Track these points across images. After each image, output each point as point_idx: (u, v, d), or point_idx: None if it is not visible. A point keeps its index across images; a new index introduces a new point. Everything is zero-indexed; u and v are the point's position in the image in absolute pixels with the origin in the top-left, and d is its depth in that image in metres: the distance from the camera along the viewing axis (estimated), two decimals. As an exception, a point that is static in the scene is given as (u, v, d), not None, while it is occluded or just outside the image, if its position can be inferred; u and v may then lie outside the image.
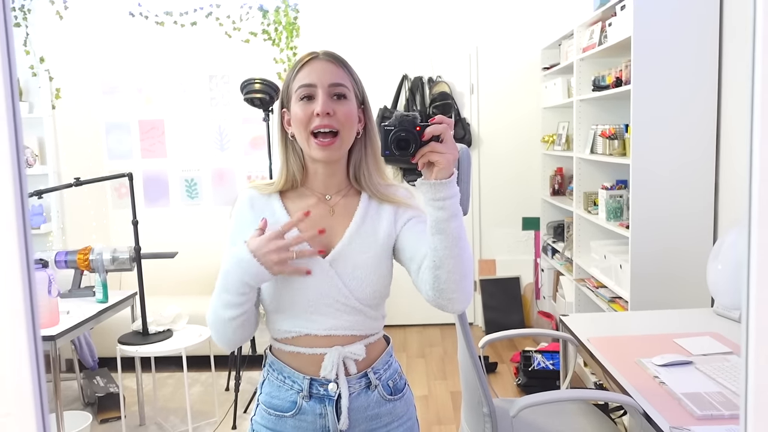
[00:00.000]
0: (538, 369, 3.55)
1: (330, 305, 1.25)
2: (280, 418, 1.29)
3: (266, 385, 1.33)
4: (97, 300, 3.11)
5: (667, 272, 2.88)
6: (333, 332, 1.26)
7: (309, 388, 1.27)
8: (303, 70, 1.24)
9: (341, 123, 1.22)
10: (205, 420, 3.31)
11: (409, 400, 1.37)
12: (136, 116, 4.61)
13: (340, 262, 1.25)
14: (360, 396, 1.28)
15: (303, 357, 1.27)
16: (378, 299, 1.28)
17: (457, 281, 1.16)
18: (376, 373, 1.30)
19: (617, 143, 3.22)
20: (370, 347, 1.30)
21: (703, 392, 1.73)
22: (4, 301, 0.54)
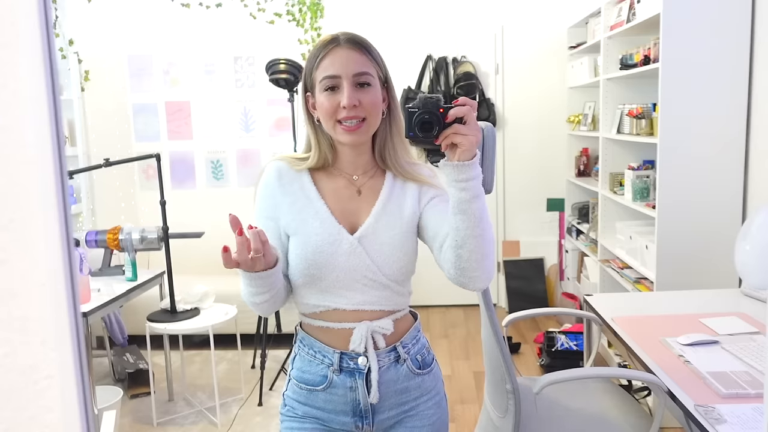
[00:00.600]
0: (561, 350, 3.55)
1: (358, 281, 1.27)
2: (311, 392, 1.32)
3: (297, 361, 1.36)
4: (127, 278, 3.17)
5: (694, 253, 2.85)
6: (361, 307, 1.29)
7: (339, 361, 1.29)
8: (326, 59, 1.25)
9: (367, 111, 1.24)
10: (232, 396, 3.37)
11: (437, 375, 1.39)
12: (163, 98, 4.66)
13: (367, 239, 1.28)
14: (389, 370, 1.31)
15: (332, 332, 1.30)
16: (404, 275, 1.31)
17: (478, 260, 1.18)
18: (404, 347, 1.33)
19: (644, 123, 3.18)
20: (397, 322, 1.32)
21: (729, 371, 1.72)
22: (49, 281, 0.56)
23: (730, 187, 2.83)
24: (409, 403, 1.33)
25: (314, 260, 1.27)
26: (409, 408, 1.34)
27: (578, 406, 2.03)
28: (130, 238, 3.20)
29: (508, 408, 1.80)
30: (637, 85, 3.55)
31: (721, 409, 1.53)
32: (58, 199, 0.56)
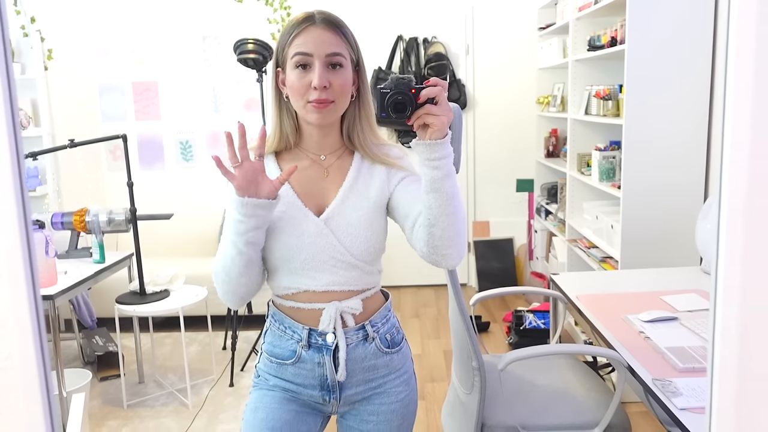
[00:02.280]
0: (529, 328, 3.61)
1: (326, 261, 1.29)
2: (281, 366, 1.35)
3: (268, 335, 1.39)
4: (94, 261, 3.14)
5: (657, 232, 2.92)
6: (330, 288, 1.30)
7: (308, 338, 1.32)
8: (300, 36, 1.24)
9: (337, 93, 1.25)
10: (203, 378, 3.38)
11: (406, 354, 1.42)
12: (130, 78, 4.58)
13: (333, 219, 1.29)
14: (357, 347, 1.33)
15: (302, 312, 1.32)
16: (373, 254, 1.32)
17: (451, 238, 1.21)
18: (373, 326, 1.35)
19: (611, 104, 3.22)
20: (367, 301, 1.34)
21: (686, 346, 1.77)
22: (5, 261, 0.56)
23: (692, 168, 2.89)
24: (377, 380, 1.36)
25: (281, 242, 1.28)
26: (377, 385, 1.36)
27: (543, 382, 2.08)
28: (97, 219, 3.16)
29: (474, 384, 1.83)
30: (604, 67, 3.59)
31: (677, 383, 1.58)
32: (14, 180, 0.56)
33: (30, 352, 0.59)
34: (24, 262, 0.58)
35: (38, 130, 4.46)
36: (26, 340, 0.59)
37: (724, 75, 0.54)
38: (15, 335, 0.59)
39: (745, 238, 0.56)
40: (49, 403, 0.61)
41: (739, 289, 0.58)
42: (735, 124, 0.54)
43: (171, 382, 3.36)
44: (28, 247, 0.56)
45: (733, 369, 0.60)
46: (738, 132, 0.55)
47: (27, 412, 0.59)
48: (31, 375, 0.59)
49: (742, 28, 0.52)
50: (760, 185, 0.56)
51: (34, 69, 4.39)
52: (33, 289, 0.59)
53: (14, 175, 0.56)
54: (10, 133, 0.55)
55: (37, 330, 0.59)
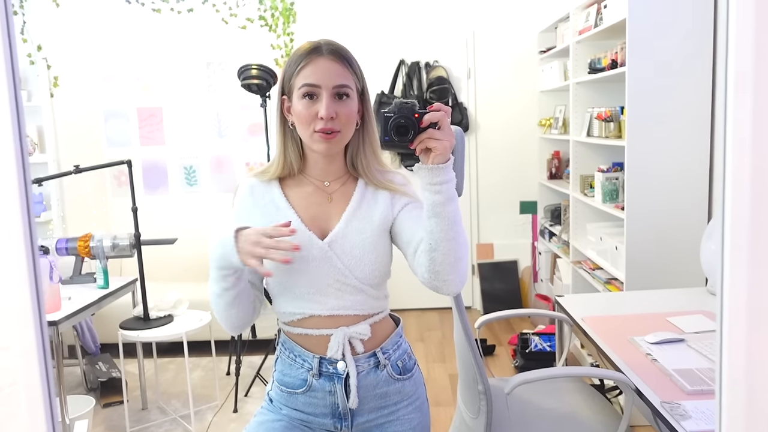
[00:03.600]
0: (535, 351, 3.58)
1: (331, 285, 1.29)
2: (291, 395, 1.35)
3: (279, 363, 1.39)
4: (98, 286, 3.14)
5: (662, 253, 2.91)
6: (336, 312, 1.30)
7: (319, 366, 1.32)
8: (308, 68, 1.25)
9: (343, 123, 1.26)
10: (207, 404, 3.35)
11: (418, 380, 1.41)
12: (135, 104, 4.62)
13: (337, 243, 1.30)
14: (369, 375, 1.33)
15: (311, 338, 1.32)
16: (378, 278, 1.32)
17: (452, 263, 1.20)
18: (384, 353, 1.35)
19: (613, 126, 3.24)
20: (375, 326, 1.34)
21: (695, 368, 1.76)
22: (12, 286, 0.56)
23: (695, 188, 2.90)
24: (389, 408, 1.35)
25: (286, 267, 1.28)
26: (389, 412, 1.35)
27: (550, 405, 2.06)
28: (102, 245, 3.17)
29: (480, 408, 1.82)
30: (605, 89, 3.61)
31: (686, 405, 1.56)
32: (22, 208, 0.56)
33: (35, 378, 0.59)
34: (31, 291, 0.58)
35: (44, 156, 4.50)
36: (32, 366, 0.59)
37: (724, 96, 0.55)
38: (20, 361, 0.59)
39: (749, 258, 0.56)
40: (54, 430, 0.61)
41: (745, 310, 0.58)
42: (735, 146, 0.55)
43: (174, 408, 3.33)
44: (34, 273, 0.57)
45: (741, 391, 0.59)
46: (739, 153, 0.55)
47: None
48: (36, 401, 0.59)
49: (741, 48, 0.53)
50: (762, 205, 0.56)
51: (41, 96, 4.44)
52: (39, 314, 0.59)
53: (22, 202, 0.56)
54: (18, 161, 0.55)
55: (43, 356, 0.59)
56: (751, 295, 0.57)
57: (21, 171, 0.56)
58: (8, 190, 0.56)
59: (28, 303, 0.58)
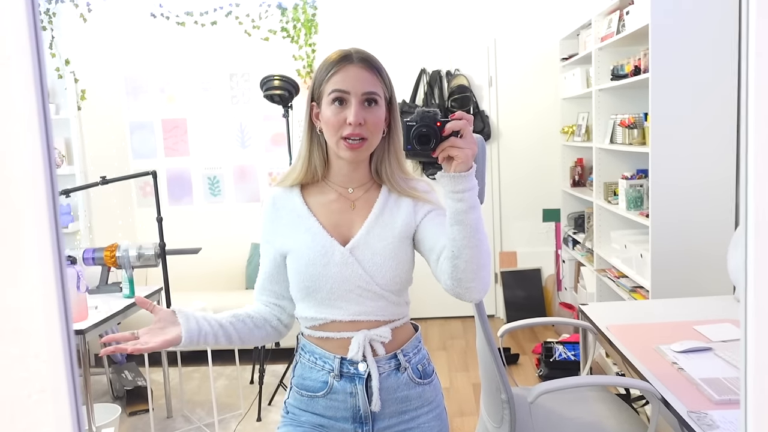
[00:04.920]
0: (559, 360, 3.55)
1: (352, 291, 1.30)
2: (312, 399, 1.35)
3: (298, 368, 1.39)
4: (124, 295, 3.18)
5: (688, 260, 2.87)
6: (357, 317, 1.31)
7: (340, 367, 1.32)
8: (338, 74, 1.27)
9: (370, 131, 1.27)
10: (231, 412, 3.37)
11: (437, 387, 1.41)
12: (159, 116, 4.69)
13: (359, 249, 1.30)
14: (390, 377, 1.32)
15: (332, 341, 1.33)
16: (399, 285, 1.32)
17: (474, 271, 1.20)
18: (405, 355, 1.35)
19: (637, 132, 3.21)
20: (396, 331, 1.34)
21: (722, 377, 1.73)
22: (40, 295, 0.57)
23: (721, 194, 2.85)
24: (410, 413, 1.35)
25: (308, 273, 1.30)
26: (410, 418, 1.35)
27: (574, 415, 2.03)
28: (127, 255, 3.21)
29: (503, 417, 1.80)
30: (628, 95, 3.58)
31: (713, 415, 1.54)
32: (50, 216, 0.57)
33: (62, 386, 0.60)
34: (58, 298, 0.59)
35: (71, 168, 4.58)
36: (59, 374, 0.60)
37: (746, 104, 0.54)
38: (48, 369, 0.60)
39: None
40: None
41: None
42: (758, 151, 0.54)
43: (199, 416, 3.36)
44: (62, 282, 0.58)
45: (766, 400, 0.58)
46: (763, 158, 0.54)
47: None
48: (63, 409, 0.60)
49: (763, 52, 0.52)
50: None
51: (68, 109, 4.53)
52: (66, 323, 0.60)
53: (50, 213, 0.58)
54: (47, 173, 0.57)
55: (70, 364, 0.60)
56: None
57: (49, 183, 0.57)
58: (37, 201, 0.57)
59: (56, 311, 0.59)
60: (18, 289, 0.56)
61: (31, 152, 0.56)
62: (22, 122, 0.54)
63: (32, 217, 0.57)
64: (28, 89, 0.54)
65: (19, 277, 0.56)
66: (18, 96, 0.53)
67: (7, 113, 0.54)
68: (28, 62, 0.53)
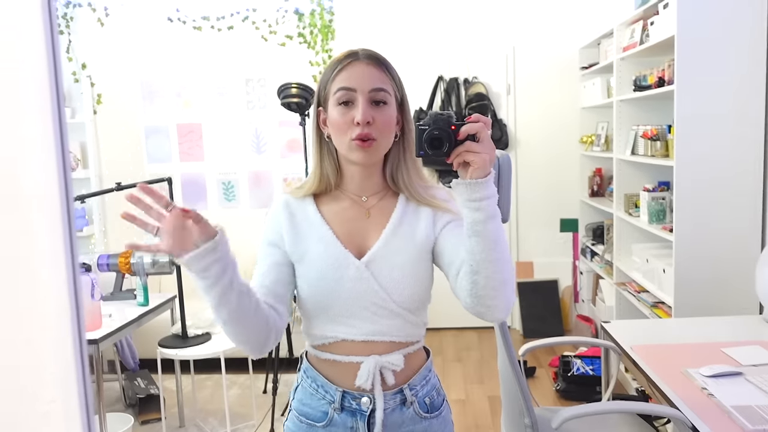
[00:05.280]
0: (577, 374, 3.49)
1: (366, 308, 1.22)
2: (311, 427, 1.27)
3: (299, 392, 1.32)
4: (138, 303, 3.16)
5: (712, 277, 2.80)
6: (371, 338, 1.23)
7: (341, 400, 1.25)
8: (343, 72, 1.21)
9: (380, 131, 1.20)
10: (244, 422, 3.34)
11: (446, 419, 1.33)
12: (175, 120, 4.67)
13: (375, 263, 1.23)
14: (394, 412, 1.25)
15: (339, 366, 1.25)
16: (417, 303, 1.25)
17: (495, 287, 1.11)
18: (412, 389, 1.27)
19: (659, 144, 3.14)
20: (408, 358, 1.27)
21: (755, 405, 1.67)
22: (52, 305, 0.54)
23: (748, 210, 2.78)
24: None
25: (319, 286, 1.22)
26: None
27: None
28: (142, 262, 3.19)
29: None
30: (651, 107, 3.52)
31: (748, 447, 1.48)
32: (63, 223, 0.54)
33: (73, 398, 0.57)
34: (71, 310, 0.56)
35: (86, 172, 4.58)
36: (70, 386, 0.57)
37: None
38: (59, 379, 0.57)
39: None
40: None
41: None
42: None
43: (212, 426, 3.32)
44: (75, 293, 0.55)
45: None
46: None
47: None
48: (74, 421, 0.57)
49: None
50: None
51: (84, 113, 4.53)
52: (78, 333, 0.57)
53: (64, 221, 0.54)
54: (61, 179, 0.54)
55: (81, 375, 0.57)
56: None
57: (63, 190, 0.54)
58: (50, 208, 0.54)
59: (68, 322, 0.56)
60: (31, 301, 0.54)
61: (45, 157, 0.53)
62: (37, 126, 0.52)
63: (45, 225, 0.54)
64: (43, 93, 0.51)
65: (32, 288, 0.54)
66: (33, 99, 0.51)
67: (22, 117, 0.51)
68: (44, 66, 0.51)
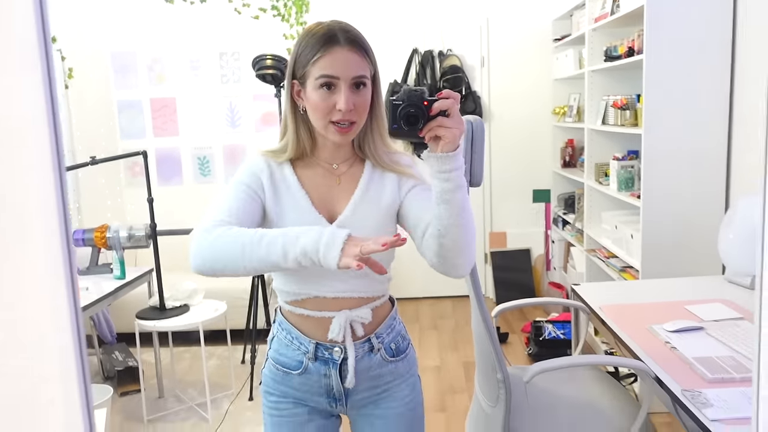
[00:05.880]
0: (548, 338, 3.58)
1: None
2: (287, 375, 1.38)
3: (275, 342, 1.41)
4: (115, 276, 3.16)
5: (678, 241, 2.89)
6: (341, 294, 1.32)
7: (315, 351, 1.35)
8: (325, 58, 1.22)
9: (359, 114, 1.26)
10: (223, 392, 3.38)
11: (411, 360, 1.45)
12: (148, 95, 4.63)
13: (345, 227, 1.26)
14: (363, 359, 1.36)
15: (311, 320, 1.34)
16: (383, 262, 1.31)
17: (461, 248, 1.22)
18: (378, 337, 1.38)
19: (629, 114, 3.21)
20: (375, 310, 1.37)
21: (715, 356, 1.75)
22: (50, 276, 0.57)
23: (712, 176, 2.87)
24: (382, 386, 1.39)
25: None
26: (382, 390, 1.40)
27: (568, 393, 2.06)
28: (118, 236, 3.19)
29: (498, 397, 1.82)
30: (621, 77, 3.58)
31: (707, 394, 1.56)
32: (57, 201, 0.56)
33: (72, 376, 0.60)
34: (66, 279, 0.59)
35: (58, 147, 4.51)
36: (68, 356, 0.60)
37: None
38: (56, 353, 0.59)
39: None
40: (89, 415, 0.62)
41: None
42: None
43: (191, 396, 3.36)
44: (71, 272, 0.57)
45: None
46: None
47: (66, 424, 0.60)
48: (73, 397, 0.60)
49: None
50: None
51: (55, 87, 4.45)
52: (74, 305, 0.60)
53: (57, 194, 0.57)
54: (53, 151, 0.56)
55: (78, 345, 0.60)
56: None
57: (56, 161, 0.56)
58: (43, 188, 0.56)
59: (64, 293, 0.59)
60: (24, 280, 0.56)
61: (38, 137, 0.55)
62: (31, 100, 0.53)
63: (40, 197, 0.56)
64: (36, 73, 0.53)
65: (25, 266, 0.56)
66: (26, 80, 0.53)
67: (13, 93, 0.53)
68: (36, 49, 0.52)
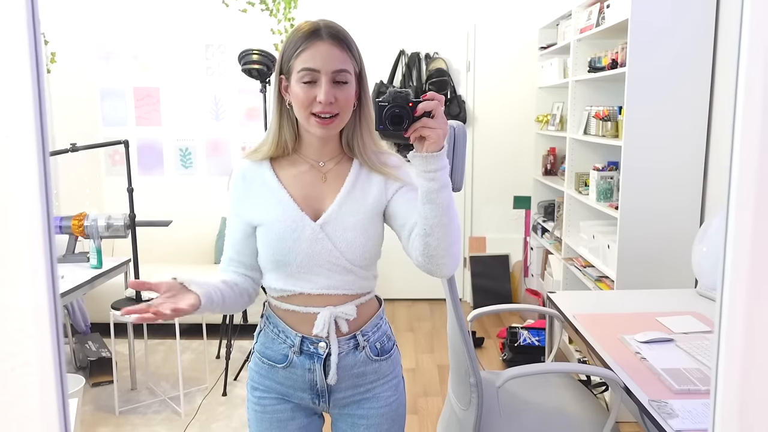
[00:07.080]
0: (524, 345, 3.62)
1: (321, 265, 1.32)
2: (272, 368, 1.39)
3: (262, 336, 1.42)
4: (91, 266, 3.13)
5: (653, 253, 2.94)
6: (326, 291, 1.33)
7: (300, 344, 1.36)
8: (307, 52, 1.25)
9: (341, 108, 1.27)
10: (196, 386, 3.37)
11: (395, 361, 1.46)
12: (132, 83, 4.60)
13: (330, 225, 1.32)
14: (348, 356, 1.37)
15: (297, 315, 1.35)
16: (368, 260, 1.35)
17: (446, 248, 1.23)
18: (364, 335, 1.38)
19: (610, 125, 3.25)
20: (361, 308, 1.37)
21: (682, 368, 1.79)
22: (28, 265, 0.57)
23: (689, 190, 2.92)
24: (365, 386, 1.40)
25: (278, 247, 1.31)
26: (365, 390, 1.40)
27: (538, 400, 2.08)
28: (96, 225, 3.16)
29: (471, 401, 1.84)
30: (604, 88, 3.63)
31: (673, 404, 1.59)
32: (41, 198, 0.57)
33: (48, 358, 0.60)
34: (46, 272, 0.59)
35: (38, 132, 4.46)
36: (45, 346, 0.60)
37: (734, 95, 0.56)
38: (34, 341, 0.60)
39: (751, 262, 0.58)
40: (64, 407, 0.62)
41: (744, 314, 0.59)
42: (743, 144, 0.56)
43: (164, 389, 3.34)
44: (51, 257, 0.58)
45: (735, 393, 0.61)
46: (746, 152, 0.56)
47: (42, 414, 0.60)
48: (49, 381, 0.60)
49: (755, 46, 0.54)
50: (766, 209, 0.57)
51: (37, 72, 4.40)
52: (54, 297, 0.60)
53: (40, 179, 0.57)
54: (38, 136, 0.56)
55: (55, 337, 0.60)
56: (749, 298, 0.58)
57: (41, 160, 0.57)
58: (26, 168, 0.56)
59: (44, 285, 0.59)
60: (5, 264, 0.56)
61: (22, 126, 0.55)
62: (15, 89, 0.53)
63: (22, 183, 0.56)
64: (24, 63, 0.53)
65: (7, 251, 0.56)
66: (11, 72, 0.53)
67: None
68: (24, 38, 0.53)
